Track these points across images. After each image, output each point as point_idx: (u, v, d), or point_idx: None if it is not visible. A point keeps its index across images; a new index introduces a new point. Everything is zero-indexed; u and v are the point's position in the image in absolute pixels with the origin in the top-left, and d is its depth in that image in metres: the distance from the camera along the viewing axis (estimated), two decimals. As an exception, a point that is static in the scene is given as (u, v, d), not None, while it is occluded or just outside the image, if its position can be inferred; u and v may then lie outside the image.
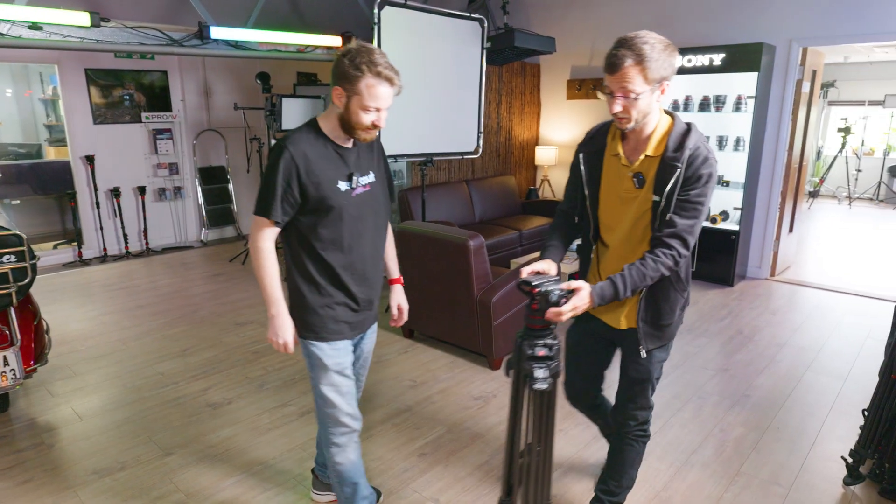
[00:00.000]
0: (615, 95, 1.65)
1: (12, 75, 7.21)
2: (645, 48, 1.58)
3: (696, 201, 1.69)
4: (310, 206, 1.85)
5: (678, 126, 1.73)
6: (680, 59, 1.65)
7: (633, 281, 1.72)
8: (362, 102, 1.76)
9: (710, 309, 4.70)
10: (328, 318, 1.94)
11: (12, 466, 2.68)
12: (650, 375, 1.96)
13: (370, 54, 1.75)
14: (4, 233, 2.85)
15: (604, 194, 1.87)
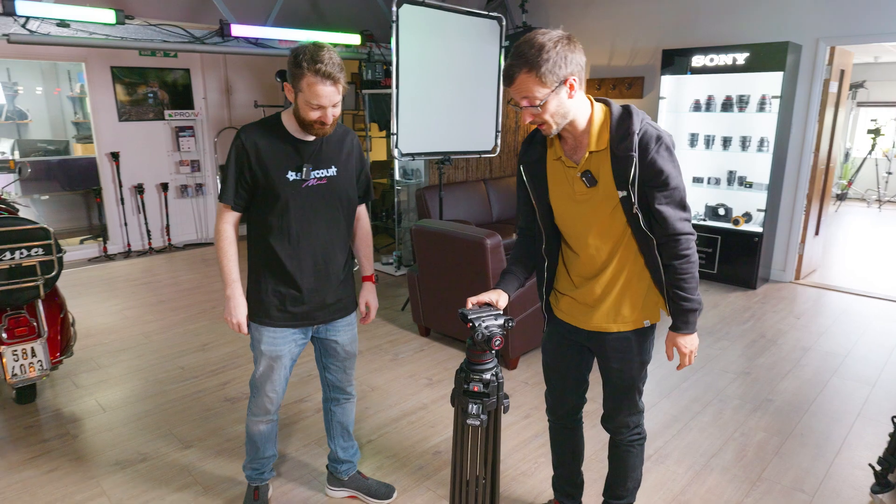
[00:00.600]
0: (521, 106, 1.59)
1: (42, 73, 7.37)
2: (531, 53, 1.50)
3: (672, 185, 1.63)
4: (259, 194, 1.95)
5: (615, 112, 1.64)
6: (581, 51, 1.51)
7: (690, 286, 1.70)
8: (306, 100, 1.80)
9: (731, 312, 4.63)
10: (271, 306, 2.03)
11: (39, 455, 2.74)
12: (634, 381, 1.89)
13: (315, 52, 1.77)
14: (32, 226, 2.92)
15: (555, 201, 1.78)
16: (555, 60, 1.50)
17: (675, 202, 1.65)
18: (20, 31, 4.08)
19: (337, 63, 1.78)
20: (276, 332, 2.05)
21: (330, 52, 1.78)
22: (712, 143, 5.44)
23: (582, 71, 1.58)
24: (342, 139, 2.04)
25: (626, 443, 2.00)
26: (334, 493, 2.46)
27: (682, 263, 1.68)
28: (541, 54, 1.50)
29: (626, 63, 6.18)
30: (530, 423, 3.02)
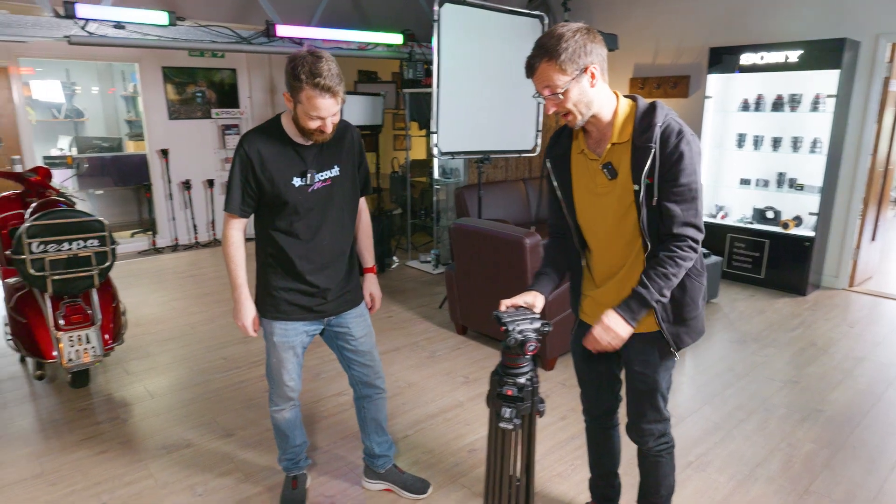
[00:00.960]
0: (544, 97, 1.60)
1: (98, 74, 7.68)
2: (551, 42, 1.53)
3: (685, 182, 1.58)
4: (266, 200, 1.97)
5: (641, 106, 1.63)
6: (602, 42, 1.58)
7: (658, 284, 1.61)
8: (305, 111, 1.81)
9: (779, 318, 4.48)
10: (281, 301, 2.07)
11: (91, 437, 2.86)
12: (657, 385, 1.81)
13: (313, 64, 1.75)
14: (89, 219, 3.04)
15: (577, 195, 1.77)
16: (574, 49, 1.52)
17: (686, 200, 1.59)
18: (80, 32, 4.26)
19: (336, 74, 1.78)
20: (287, 325, 2.10)
21: (328, 62, 1.78)
22: (761, 144, 5.28)
23: (604, 62, 1.58)
24: (342, 135, 2.04)
25: (653, 453, 1.93)
26: (371, 486, 2.48)
27: (667, 258, 1.61)
28: (560, 43, 1.51)
29: (671, 62, 6.05)
30: (567, 425, 2.99)
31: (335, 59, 1.84)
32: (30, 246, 2.86)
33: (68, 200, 3.65)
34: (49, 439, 2.84)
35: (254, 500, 2.41)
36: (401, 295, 5.08)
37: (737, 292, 5.10)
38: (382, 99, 6.55)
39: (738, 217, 5.51)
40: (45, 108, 7.20)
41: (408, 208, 6.65)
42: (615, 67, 6.52)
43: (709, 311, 4.64)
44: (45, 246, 2.90)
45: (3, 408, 3.12)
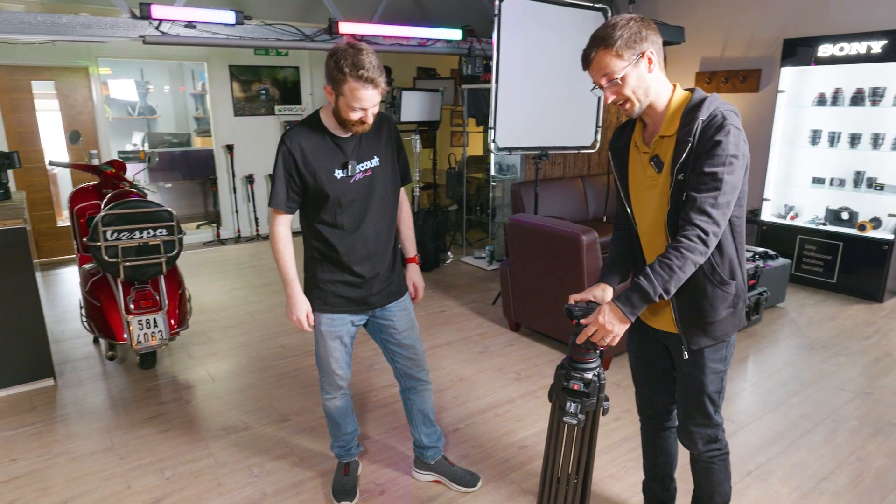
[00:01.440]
0: (602, 86, 1.59)
1: (170, 73, 8.05)
2: (605, 31, 1.53)
3: (711, 171, 1.49)
4: (310, 194, 2.02)
5: (693, 98, 1.58)
6: (657, 32, 1.56)
7: (661, 277, 1.51)
8: (348, 103, 1.83)
9: (852, 325, 4.23)
10: (328, 293, 2.11)
11: (157, 416, 3.01)
12: (703, 387, 1.74)
13: (355, 56, 1.78)
14: (158, 209, 3.20)
15: (632, 187, 1.75)
16: (629, 35, 1.51)
17: (707, 189, 1.50)
18: (154, 32, 4.48)
19: (377, 66, 1.81)
20: (334, 317, 2.14)
21: (369, 54, 1.80)
22: (837, 141, 4.98)
23: (660, 50, 1.56)
24: (379, 127, 2.07)
25: (704, 458, 1.86)
26: (421, 477, 2.51)
27: (673, 248, 1.52)
28: (614, 31, 1.52)
29: (740, 55, 5.80)
30: (622, 426, 2.92)
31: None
32: (104, 234, 3.03)
33: (140, 192, 3.84)
34: (119, 416, 3.01)
35: (307, 483, 2.48)
36: (455, 290, 5.10)
37: (806, 297, 4.84)
38: (441, 95, 6.58)
39: (810, 218, 5.23)
40: (121, 106, 7.61)
41: (463, 204, 6.65)
42: (680, 61, 6.31)
43: (775, 315, 4.42)
44: (119, 234, 3.07)
45: (79, 385, 3.33)
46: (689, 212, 1.52)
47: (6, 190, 3.72)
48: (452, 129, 8.39)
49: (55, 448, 2.72)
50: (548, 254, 3.64)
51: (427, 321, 4.32)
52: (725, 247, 1.63)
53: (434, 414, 2.47)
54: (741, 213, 1.63)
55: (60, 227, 6.13)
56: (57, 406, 3.10)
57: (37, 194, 5.93)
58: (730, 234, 1.63)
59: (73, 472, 2.55)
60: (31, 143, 5.84)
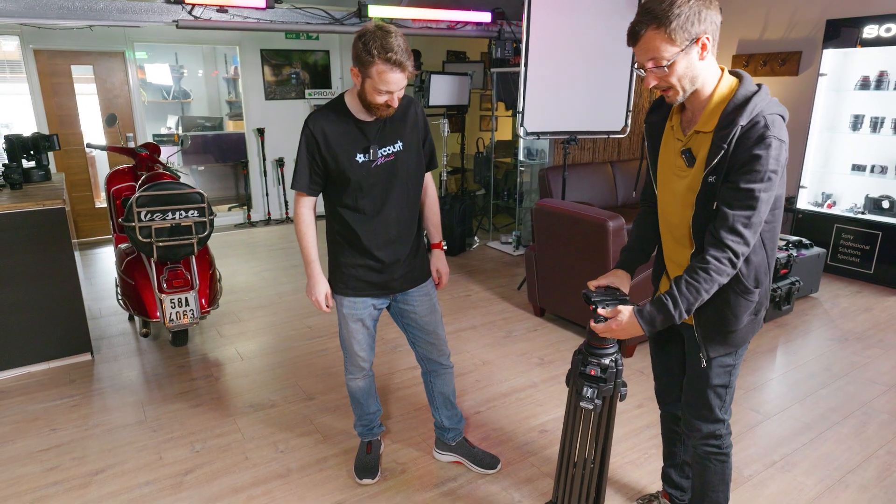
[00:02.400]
0: (646, 69, 1.45)
1: (203, 57, 8.18)
2: (661, 8, 1.36)
3: (748, 188, 1.40)
4: (332, 177, 2.04)
5: (739, 94, 1.44)
6: (718, 10, 1.40)
7: (687, 299, 1.48)
8: (374, 86, 1.83)
9: (888, 318, 4.10)
10: (350, 277, 2.14)
11: (188, 391, 3.11)
12: (709, 380, 1.71)
13: (384, 39, 1.77)
14: (190, 191, 3.27)
15: (661, 168, 1.66)
16: (687, 15, 1.36)
17: (742, 207, 1.42)
18: (187, 17, 4.55)
19: (405, 49, 1.81)
20: (355, 300, 2.16)
21: (398, 37, 1.80)
22: (880, 127, 4.80)
23: (717, 31, 1.42)
24: (405, 111, 2.06)
25: (700, 452, 1.82)
26: (441, 457, 2.55)
27: (702, 269, 1.46)
28: (672, 8, 1.36)
29: (781, 36, 5.61)
30: (643, 413, 2.91)
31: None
32: (139, 214, 3.12)
33: (173, 174, 3.93)
34: (152, 391, 3.12)
35: (330, 460, 2.54)
36: (480, 275, 5.11)
37: (840, 287, 4.71)
38: (469, 79, 6.53)
39: (848, 206, 5.07)
40: (156, 90, 7.77)
41: (491, 189, 6.63)
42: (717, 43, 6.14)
43: (807, 305, 4.32)
44: (152, 215, 3.16)
45: (115, 360, 3.46)
46: (720, 230, 1.45)
47: (46, 171, 3.86)
48: (481, 113, 8.34)
49: (92, 420, 2.84)
50: (574, 239, 3.62)
51: (452, 305, 4.35)
52: (752, 256, 1.56)
53: (455, 397, 2.50)
54: (776, 216, 1.55)
55: (98, 207, 6.33)
56: (94, 380, 3.23)
57: (76, 176, 6.13)
58: (759, 242, 1.55)
59: (107, 442, 2.66)
60: (71, 126, 6.02)
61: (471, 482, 2.41)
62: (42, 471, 2.47)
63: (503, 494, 2.34)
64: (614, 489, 2.37)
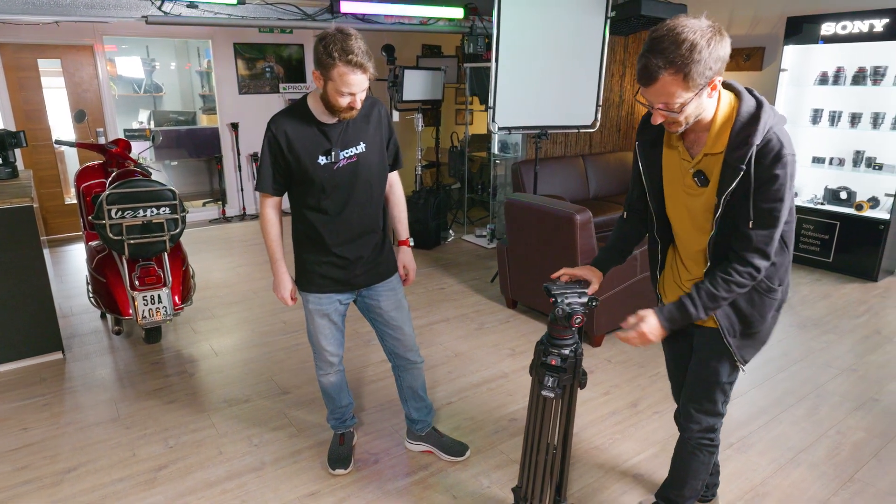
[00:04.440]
0: (655, 108, 1.45)
1: (175, 50, 8.08)
2: (681, 52, 1.32)
3: (769, 208, 1.46)
4: (295, 179, 2.08)
5: (743, 112, 1.45)
6: (729, 43, 1.39)
7: (704, 303, 1.57)
8: (336, 88, 1.86)
9: (844, 304, 4.28)
10: (314, 274, 2.19)
11: (162, 388, 3.13)
12: (717, 376, 1.77)
13: (344, 41, 1.81)
14: (162, 188, 3.28)
15: (668, 188, 1.69)
16: (706, 61, 1.34)
17: (764, 225, 1.49)
18: (156, 13, 4.52)
19: (365, 51, 1.85)
20: (321, 297, 2.22)
21: (358, 39, 1.84)
22: (838, 120, 4.96)
23: (725, 65, 1.41)
24: (369, 112, 2.10)
25: (693, 443, 1.89)
26: (412, 447, 2.62)
27: (723, 280, 1.55)
28: (691, 54, 1.33)
29: (745, 32, 5.75)
30: (609, 400, 3.01)
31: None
32: (109, 212, 3.12)
33: (144, 171, 3.92)
34: (125, 388, 3.13)
35: (304, 452, 2.59)
36: (455, 268, 5.18)
37: (802, 276, 4.88)
38: (443, 74, 6.57)
39: (809, 197, 5.24)
40: (127, 84, 7.67)
41: (465, 183, 6.70)
42: (683, 39, 6.25)
43: (769, 294, 4.47)
44: (123, 212, 3.16)
45: (87, 358, 3.46)
46: (744, 247, 1.51)
47: (13, 169, 3.81)
48: (456, 107, 8.39)
49: (63, 418, 2.85)
50: (543, 232, 3.70)
51: (426, 298, 4.41)
52: (776, 258, 1.61)
53: (425, 390, 2.55)
54: (792, 216, 1.60)
55: (68, 204, 6.25)
56: (65, 378, 3.23)
57: (44, 172, 6.05)
58: (782, 243, 1.61)
59: (80, 440, 2.68)
60: (38, 122, 5.92)
61: (442, 470, 2.48)
62: (13, 470, 2.48)
63: (473, 481, 2.42)
64: (579, 473, 2.46)
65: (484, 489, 2.37)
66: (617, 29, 5.30)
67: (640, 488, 2.38)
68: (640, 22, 5.19)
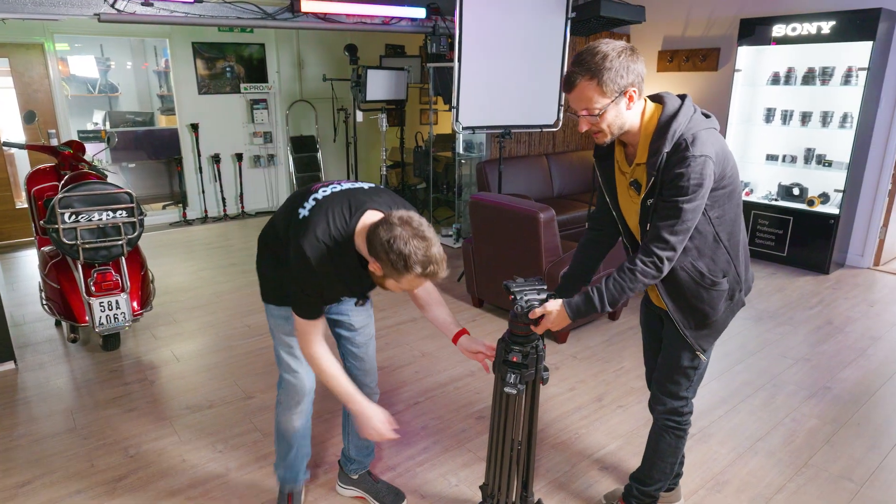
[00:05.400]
0: (579, 115, 1.60)
1: (132, 49, 7.86)
2: (596, 60, 1.51)
3: (670, 202, 1.57)
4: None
5: (660, 122, 1.59)
6: (643, 62, 1.57)
7: (611, 293, 1.66)
8: (399, 286, 1.61)
9: (798, 297, 4.43)
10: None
11: (121, 396, 3.04)
12: (679, 362, 1.87)
13: (427, 249, 1.52)
14: (118, 191, 3.19)
15: (620, 199, 1.82)
16: (616, 69, 1.51)
17: (667, 217, 1.59)
18: (109, 10, 4.38)
19: (442, 251, 1.58)
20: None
21: (436, 236, 1.57)
22: (790, 119, 5.14)
23: (642, 82, 1.57)
24: None
25: (660, 423, 1.99)
26: (343, 492, 2.37)
27: (629, 270, 1.64)
28: (603, 62, 1.50)
29: (701, 34, 5.90)
30: (574, 396, 3.05)
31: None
32: (62, 216, 3.02)
33: (99, 173, 3.81)
34: (82, 397, 3.04)
35: (270, 457, 2.55)
36: (420, 268, 5.16)
37: (758, 270, 5.04)
38: (406, 73, 6.57)
39: (764, 194, 5.41)
40: (81, 84, 7.42)
41: (430, 182, 6.70)
42: (643, 40, 6.39)
43: (727, 288, 4.61)
44: (77, 216, 3.06)
45: (41, 368, 3.34)
46: (650, 237, 1.63)
47: (-41, 172, 3.66)
48: (421, 107, 8.38)
49: (17, 430, 2.75)
50: (508, 231, 3.73)
51: (392, 298, 4.40)
52: (710, 252, 1.71)
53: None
54: (726, 210, 1.68)
55: (19, 208, 6.02)
56: (18, 389, 3.12)
57: (-7, 176, 5.82)
58: (712, 238, 1.70)
59: (35, 453, 2.58)
60: (-14, 124, 5.69)
61: (409, 470, 2.48)
62: (-36, 485, 2.38)
63: (441, 480, 2.42)
64: (546, 468, 2.49)
65: (452, 488, 2.38)
66: (577, 30, 5.38)
67: (607, 480, 2.42)
68: (599, 23, 5.27)
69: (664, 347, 1.93)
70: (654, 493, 2.09)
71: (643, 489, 2.09)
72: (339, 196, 1.72)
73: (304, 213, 1.69)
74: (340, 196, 1.72)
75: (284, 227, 1.76)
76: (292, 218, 1.71)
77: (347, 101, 7.11)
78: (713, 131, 1.61)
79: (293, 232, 1.67)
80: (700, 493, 2.34)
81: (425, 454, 2.59)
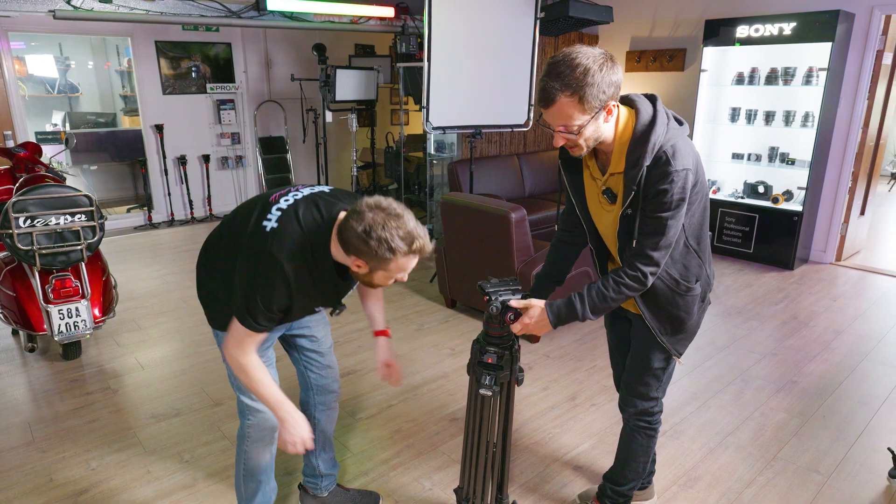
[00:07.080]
0: (556, 130, 1.52)
1: (92, 49, 7.64)
2: (576, 75, 1.40)
3: (654, 217, 1.54)
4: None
5: (637, 131, 1.53)
6: (620, 71, 1.47)
7: (594, 302, 1.64)
8: (390, 275, 1.55)
9: (764, 292, 4.52)
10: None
11: (82, 407, 2.94)
12: (649, 364, 1.86)
13: (399, 226, 1.45)
14: (76, 194, 3.08)
15: (591, 205, 1.78)
16: (598, 85, 1.42)
17: (651, 234, 1.56)
18: (65, 7, 4.25)
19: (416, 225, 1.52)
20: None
21: (407, 211, 1.50)
22: (754, 118, 5.25)
23: (619, 92, 1.51)
24: None
25: (630, 424, 2.00)
26: None
27: (614, 282, 1.62)
28: (585, 77, 1.41)
29: (668, 34, 5.99)
30: (548, 395, 3.05)
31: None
32: (17, 220, 2.90)
33: (57, 176, 3.68)
34: (41, 409, 2.92)
35: (238, 466, 2.49)
36: (392, 269, 5.12)
37: (725, 267, 5.13)
38: (376, 73, 6.51)
39: (730, 192, 5.51)
40: (39, 84, 7.18)
41: (402, 183, 6.66)
42: (611, 41, 6.46)
43: (696, 285, 4.68)
44: (33, 221, 2.94)
45: (-2, 378, 3.21)
46: (634, 253, 1.60)
47: None
48: (392, 107, 8.33)
49: (-29, 444, 2.63)
50: (479, 231, 3.72)
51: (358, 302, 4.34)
52: (681, 258, 1.71)
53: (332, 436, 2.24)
54: (693, 218, 1.66)
55: (-26, 213, 5.79)
56: (-27, 401, 2.99)
57: (-54, 179, 5.57)
58: (683, 245, 1.68)
59: (-10, 467, 2.47)
60: (-63, 125, 5.45)
61: (383, 475, 2.44)
62: (-88, 505, 2.26)
63: (415, 484, 2.39)
64: (521, 469, 2.48)
65: (426, 491, 2.35)
66: (546, 30, 5.40)
67: (581, 479, 2.42)
68: (568, 23, 5.31)
69: (633, 349, 1.92)
70: (628, 492, 2.09)
71: (617, 489, 2.09)
72: (306, 202, 1.64)
73: (271, 224, 1.59)
74: (307, 202, 1.64)
75: (248, 240, 1.61)
76: (257, 231, 1.60)
77: (317, 102, 7.02)
78: (688, 139, 1.60)
79: (260, 244, 1.57)
80: (673, 489, 2.36)
81: (398, 458, 2.56)
